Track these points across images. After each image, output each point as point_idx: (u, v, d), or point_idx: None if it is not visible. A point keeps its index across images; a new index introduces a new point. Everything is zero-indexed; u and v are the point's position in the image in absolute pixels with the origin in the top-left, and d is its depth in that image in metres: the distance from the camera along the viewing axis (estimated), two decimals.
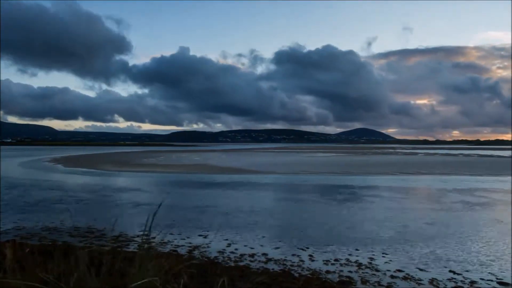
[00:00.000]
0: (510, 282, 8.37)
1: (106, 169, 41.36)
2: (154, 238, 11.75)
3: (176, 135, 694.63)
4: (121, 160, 59.79)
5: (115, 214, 15.91)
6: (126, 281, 3.65)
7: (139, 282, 3.36)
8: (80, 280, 3.54)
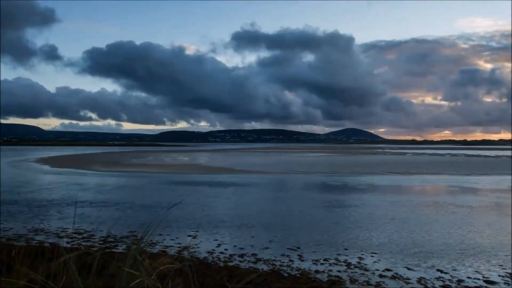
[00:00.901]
0: (496, 280, 8.49)
1: (95, 169, 41.05)
2: (143, 239, 11.69)
3: (165, 135, 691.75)
4: (110, 160, 59.38)
5: (103, 215, 15.80)
6: (116, 282, 3.64)
7: (132, 284, 3.35)
8: (69, 281, 3.52)
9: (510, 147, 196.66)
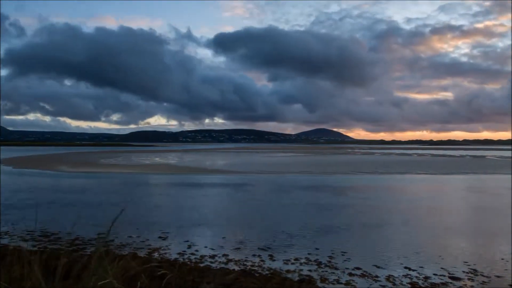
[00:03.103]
0: (461, 276, 8.73)
1: (62, 170, 40.08)
2: (112, 240, 11.49)
3: (135, 135, 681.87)
4: (77, 161, 58.09)
5: (71, 216, 15.41)
6: (82, 284, 3.55)
7: (100, 284, 3.28)
8: (34, 286, 3.41)
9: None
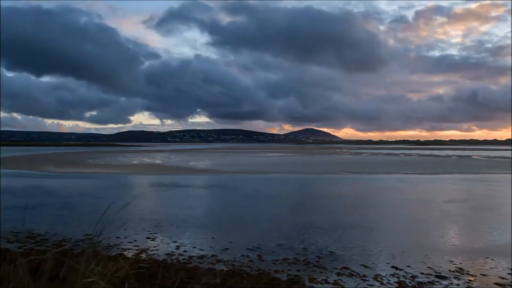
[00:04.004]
0: (447, 275, 8.83)
1: (49, 170, 39.65)
2: (100, 241, 11.39)
3: (122, 135, 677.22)
4: (64, 161, 57.51)
5: (58, 218, 15.27)
6: (69, 286, 3.52)
7: (86, 284, 3.25)
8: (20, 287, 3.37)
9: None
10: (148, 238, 12.05)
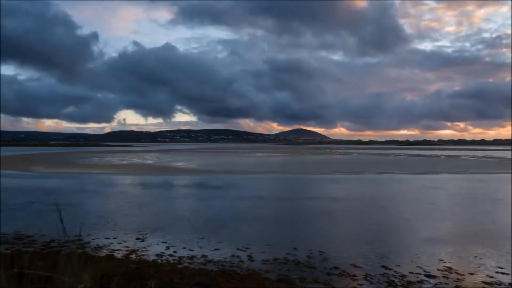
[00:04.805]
0: (436, 274, 8.90)
1: (38, 171, 39.26)
2: (88, 242, 11.33)
3: (112, 135, 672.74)
4: (54, 161, 56.98)
5: (47, 219, 15.09)
6: (54, 286, 3.47)
7: (73, 285, 3.21)
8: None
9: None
10: (137, 238, 11.97)
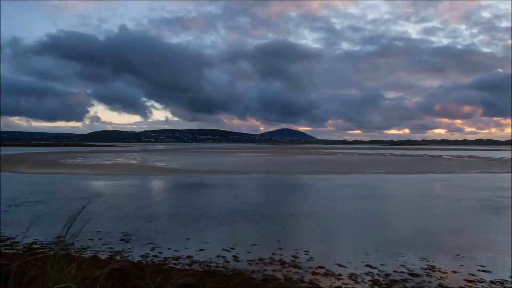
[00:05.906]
0: (420, 273, 9.00)
1: (19, 171, 38.65)
2: (72, 244, 11.17)
3: (95, 135, 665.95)
4: (36, 161, 56.13)
5: (29, 220, 14.87)
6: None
7: (55, 287, 3.17)
8: None
9: None
10: (122, 239, 11.87)
